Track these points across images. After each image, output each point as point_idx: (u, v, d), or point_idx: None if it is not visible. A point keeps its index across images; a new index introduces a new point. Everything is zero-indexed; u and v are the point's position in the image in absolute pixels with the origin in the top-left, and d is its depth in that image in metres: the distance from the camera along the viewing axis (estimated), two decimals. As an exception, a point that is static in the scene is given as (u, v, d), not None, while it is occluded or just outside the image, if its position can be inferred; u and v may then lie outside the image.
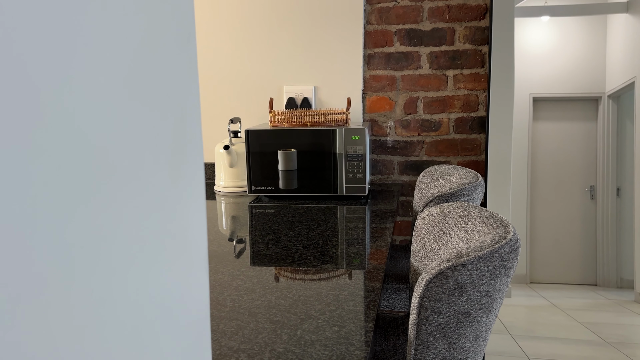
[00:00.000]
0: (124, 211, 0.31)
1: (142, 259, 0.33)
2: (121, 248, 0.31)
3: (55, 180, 0.25)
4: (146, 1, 0.34)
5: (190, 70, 0.41)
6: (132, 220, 0.32)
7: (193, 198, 0.41)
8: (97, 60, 0.29)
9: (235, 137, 2.19)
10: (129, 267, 0.32)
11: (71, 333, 0.27)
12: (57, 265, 0.26)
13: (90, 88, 0.28)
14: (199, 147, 0.43)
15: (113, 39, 0.30)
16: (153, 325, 0.35)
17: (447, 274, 0.85)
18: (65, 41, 0.26)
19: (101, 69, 0.29)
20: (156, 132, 0.35)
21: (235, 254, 1.31)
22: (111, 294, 0.30)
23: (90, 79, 0.28)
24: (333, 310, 0.96)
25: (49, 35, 0.25)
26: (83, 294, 0.28)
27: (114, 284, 0.30)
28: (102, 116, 0.29)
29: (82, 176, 0.27)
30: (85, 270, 0.28)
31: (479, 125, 2.43)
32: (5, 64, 0.22)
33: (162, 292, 0.36)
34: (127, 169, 0.32)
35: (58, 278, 0.26)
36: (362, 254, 1.31)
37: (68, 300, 0.26)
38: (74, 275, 0.27)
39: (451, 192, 1.51)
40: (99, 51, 0.29)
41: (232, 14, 2.45)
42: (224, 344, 0.83)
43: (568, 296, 4.60)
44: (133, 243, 0.32)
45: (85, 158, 0.27)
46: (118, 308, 0.31)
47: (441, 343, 0.89)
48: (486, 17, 2.38)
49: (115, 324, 0.30)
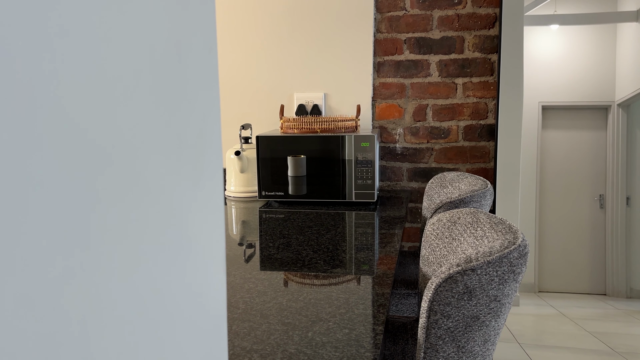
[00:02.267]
0: (149, 215, 0.33)
1: (165, 261, 0.35)
2: (145, 251, 0.33)
3: (83, 185, 0.27)
4: (175, 13, 0.36)
5: (212, 79, 0.43)
6: (157, 223, 0.34)
7: (212, 202, 0.43)
8: (126, 70, 0.31)
9: (246, 143, 2.21)
10: (152, 268, 0.34)
11: (98, 333, 0.29)
12: (84, 268, 0.28)
13: (118, 97, 0.30)
14: (218, 153, 0.44)
15: (141, 50, 0.32)
16: (174, 326, 0.36)
17: (457, 278, 0.86)
18: (94, 51, 0.28)
19: (130, 80, 0.31)
20: (180, 138, 0.37)
21: (246, 258, 1.33)
22: (135, 295, 0.32)
23: (119, 88, 0.30)
24: (343, 314, 0.97)
25: (79, 44, 0.27)
26: (110, 295, 0.30)
27: (138, 285, 0.32)
28: (131, 124, 0.31)
29: (108, 181, 0.29)
30: (112, 272, 0.30)
31: (488, 132, 2.45)
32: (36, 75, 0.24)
33: (182, 293, 0.38)
34: (151, 172, 0.34)
35: (85, 280, 0.28)
36: (371, 259, 1.32)
37: (94, 300, 0.28)
38: (101, 276, 0.29)
39: (460, 199, 1.52)
40: (128, 61, 0.31)
41: (244, 22, 2.49)
42: (237, 344, 0.85)
43: (577, 305, 4.57)
44: (156, 245, 0.34)
45: (113, 163, 0.29)
46: (141, 309, 0.32)
47: (450, 347, 0.90)
48: (495, 25, 2.39)
49: (138, 325, 0.32)
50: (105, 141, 0.28)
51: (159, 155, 0.34)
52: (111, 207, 0.29)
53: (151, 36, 0.33)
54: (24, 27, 0.22)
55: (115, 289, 0.29)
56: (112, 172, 0.29)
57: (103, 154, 0.28)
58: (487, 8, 2.39)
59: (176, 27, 0.36)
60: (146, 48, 0.32)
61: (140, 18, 0.32)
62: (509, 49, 2.38)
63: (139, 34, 0.32)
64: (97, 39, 0.27)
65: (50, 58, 0.24)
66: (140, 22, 0.32)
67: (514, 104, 2.42)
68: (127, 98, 0.30)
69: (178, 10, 0.37)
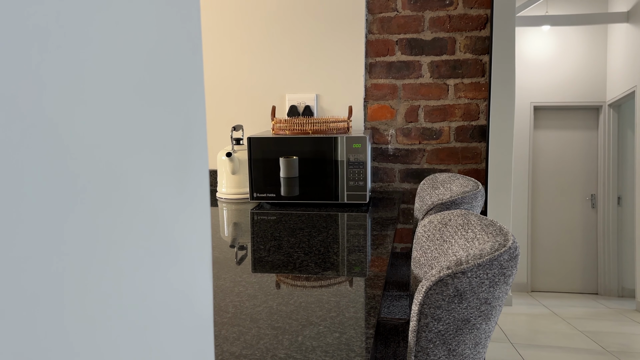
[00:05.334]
0: (132, 216, 0.33)
1: (148, 263, 0.35)
2: (128, 252, 0.32)
3: (63, 188, 0.27)
4: (157, 13, 0.35)
5: (197, 81, 0.43)
6: (140, 225, 0.33)
7: (198, 204, 0.43)
8: (108, 70, 0.30)
9: (237, 144, 2.20)
10: (135, 271, 0.33)
11: (81, 335, 0.28)
12: (67, 270, 0.27)
13: (100, 97, 0.29)
14: (204, 154, 0.44)
15: (123, 49, 0.32)
16: (158, 330, 0.36)
17: (447, 281, 0.86)
18: (74, 52, 0.28)
19: (112, 79, 0.30)
20: (164, 139, 0.37)
21: (237, 261, 1.32)
22: (116, 299, 0.31)
23: (100, 88, 0.29)
24: (334, 317, 0.96)
25: (60, 46, 0.26)
26: (92, 298, 0.29)
27: (120, 288, 0.31)
28: (112, 125, 0.30)
29: (91, 182, 0.29)
30: (94, 275, 0.29)
31: (479, 133, 2.45)
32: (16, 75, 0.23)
33: (166, 296, 0.37)
34: (135, 175, 0.33)
35: (68, 281, 0.27)
36: (363, 261, 1.32)
37: (77, 303, 0.28)
38: (84, 279, 0.28)
39: (452, 200, 1.52)
40: (110, 61, 0.30)
41: (235, 22, 2.47)
42: (226, 350, 0.84)
43: (569, 305, 4.59)
44: (140, 247, 0.33)
45: (95, 164, 0.29)
46: (124, 312, 0.32)
47: (441, 350, 0.89)
48: (487, 27, 2.40)
49: (121, 329, 0.32)
50: (85, 143, 0.27)
51: (141, 157, 0.34)
52: (92, 210, 0.28)
53: (134, 38, 0.32)
54: (6, 26, 0.21)
55: (97, 291, 0.28)
56: (93, 174, 0.28)
57: (84, 156, 0.27)
58: (478, 9, 2.39)
59: (159, 29, 0.36)
60: (128, 50, 0.32)
61: (122, 20, 0.31)
62: (500, 49, 2.39)
63: (122, 36, 0.31)
64: (78, 40, 0.27)
65: (30, 59, 0.23)
66: (122, 24, 0.31)
67: (506, 104, 2.42)
68: (109, 100, 0.30)
69: (161, 11, 0.36)
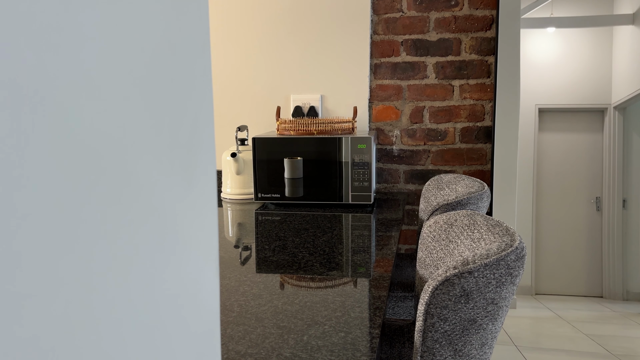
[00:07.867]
0: (140, 215, 0.32)
1: (156, 262, 0.34)
2: (136, 251, 0.32)
3: (73, 187, 0.26)
4: (167, 14, 0.35)
5: (205, 81, 0.42)
6: (147, 224, 0.33)
7: (206, 203, 0.42)
8: (116, 71, 0.30)
9: (242, 144, 2.20)
10: (143, 269, 0.33)
11: (88, 334, 0.28)
12: (74, 268, 0.27)
13: (108, 96, 0.29)
14: (211, 153, 0.44)
15: (133, 49, 0.32)
16: (166, 329, 0.36)
17: (454, 281, 0.85)
18: (83, 51, 0.27)
19: (119, 78, 0.30)
20: (172, 138, 0.37)
21: (242, 260, 1.32)
22: (124, 297, 0.31)
23: (109, 89, 0.29)
24: (339, 317, 0.96)
25: (68, 45, 0.26)
26: (99, 297, 0.29)
27: (128, 286, 0.31)
28: (121, 123, 0.30)
29: (99, 181, 0.28)
30: (101, 273, 0.29)
31: (484, 135, 2.44)
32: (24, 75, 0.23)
33: (174, 294, 0.37)
34: (143, 174, 0.33)
35: (75, 279, 0.27)
36: (367, 261, 1.31)
37: (84, 301, 0.27)
38: (92, 277, 0.28)
39: (457, 201, 1.51)
40: (119, 60, 0.30)
41: (240, 23, 2.48)
42: (232, 348, 0.84)
43: (574, 308, 4.57)
44: (148, 246, 0.33)
45: (104, 163, 0.29)
46: (131, 311, 0.32)
47: (447, 350, 0.89)
48: (492, 28, 2.39)
49: (128, 328, 0.31)
50: (95, 142, 0.27)
51: (150, 156, 0.33)
52: (101, 208, 0.28)
53: (143, 37, 0.32)
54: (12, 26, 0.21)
55: (105, 291, 0.28)
56: (102, 173, 0.28)
57: (93, 155, 0.27)
58: (483, 10, 2.39)
59: (168, 28, 0.36)
60: (137, 49, 0.32)
61: (131, 19, 0.31)
62: (505, 51, 2.38)
63: (130, 35, 0.31)
64: (86, 39, 0.26)
65: (39, 58, 0.23)
66: (131, 23, 0.31)
67: (511, 106, 2.42)
68: (118, 99, 0.30)
69: (170, 10, 0.36)
